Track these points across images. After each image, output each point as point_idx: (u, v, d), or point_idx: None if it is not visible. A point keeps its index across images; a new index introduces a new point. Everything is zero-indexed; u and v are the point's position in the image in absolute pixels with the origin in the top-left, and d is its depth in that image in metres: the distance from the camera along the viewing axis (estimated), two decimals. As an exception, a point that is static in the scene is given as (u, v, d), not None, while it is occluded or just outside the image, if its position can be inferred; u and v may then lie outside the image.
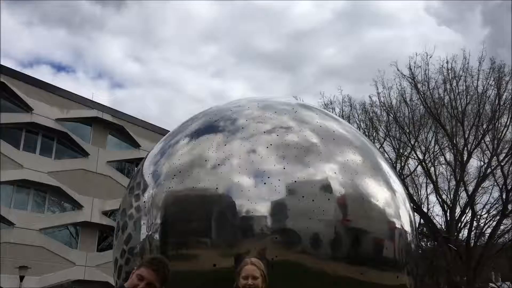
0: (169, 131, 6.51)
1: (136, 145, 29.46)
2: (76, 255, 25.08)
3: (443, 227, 28.12)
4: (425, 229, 28.36)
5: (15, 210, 23.17)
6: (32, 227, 23.26)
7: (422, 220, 25.74)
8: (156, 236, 5.02)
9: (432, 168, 27.36)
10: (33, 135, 24.94)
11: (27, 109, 24.27)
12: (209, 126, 5.60)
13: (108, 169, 27.82)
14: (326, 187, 4.85)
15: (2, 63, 23.79)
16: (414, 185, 30.36)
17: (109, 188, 27.06)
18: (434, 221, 27.34)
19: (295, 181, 4.80)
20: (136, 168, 6.28)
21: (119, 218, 5.96)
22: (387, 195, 5.30)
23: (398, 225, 5.23)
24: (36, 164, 23.94)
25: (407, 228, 5.44)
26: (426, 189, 28.47)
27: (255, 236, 4.62)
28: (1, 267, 21.32)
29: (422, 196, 29.86)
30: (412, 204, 6.11)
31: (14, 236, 22.47)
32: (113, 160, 28.46)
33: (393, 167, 6.67)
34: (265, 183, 4.76)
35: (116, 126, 28.43)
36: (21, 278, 17.19)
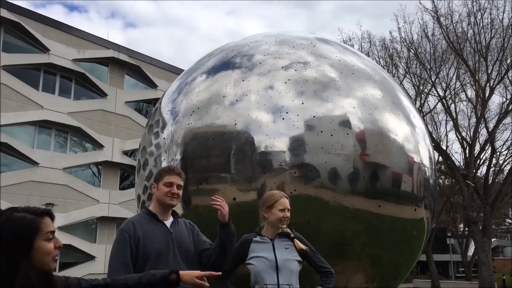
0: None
1: (153, 85, 29.44)
2: (99, 193, 25.83)
3: (462, 164, 28.06)
4: (443, 166, 28.36)
5: (39, 150, 23.72)
6: (56, 166, 23.89)
7: (440, 158, 25.68)
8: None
9: (453, 105, 26.92)
10: (51, 76, 25.04)
11: (44, 49, 24.21)
12: (226, 62, 5.53)
13: (127, 109, 28.01)
14: (345, 122, 4.83)
15: (15, 3, 23.54)
16: (434, 123, 30.09)
17: (128, 128, 27.38)
18: (453, 158, 27.26)
19: (314, 116, 4.78)
20: (154, 107, 6.30)
21: (140, 156, 6.06)
22: (406, 130, 5.26)
23: (417, 160, 5.22)
24: (56, 105, 24.19)
25: (426, 163, 5.44)
26: (446, 127, 28.23)
27: (273, 171, 4.67)
28: (29, 205, 22.12)
29: (441, 134, 29.66)
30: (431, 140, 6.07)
31: (39, 175, 23.15)
32: (131, 101, 28.58)
33: (413, 102, 6.58)
34: (283, 119, 4.75)
35: (132, 66, 28.31)
36: (48, 214, 17.84)
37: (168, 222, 3.03)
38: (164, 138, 5.39)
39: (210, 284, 2.76)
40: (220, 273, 2.58)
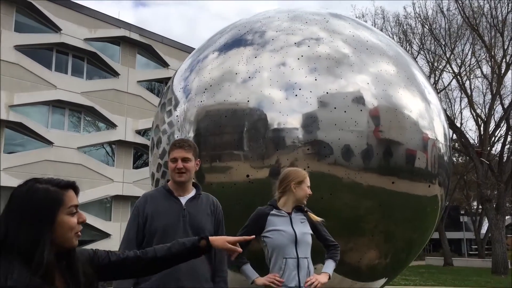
0: (197, 49, 6.43)
1: (164, 64, 29.39)
2: (113, 172, 26.09)
3: (476, 142, 27.81)
4: (457, 144, 28.12)
5: (53, 130, 23.95)
6: (70, 146, 24.13)
7: (454, 136, 25.45)
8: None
9: (467, 82, 26.57)
10: (63, 55, 25.10)
11: (56, 29, 24.22)
12: (238, 39, 5.49)
13: (139, 88, 28.05)
14: (359, 99, 4.78)
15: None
16: (448, 100, 29.77)
17: (140, 108, 27.46)
18: (467, 136, 27.01)
19: (327, 93, 4.74)
20: (166, 86, 6.30)
21: (153, 135, 6.08)
22: (421, 106, 5.20)
23: (431, 136, 5.17)
24: (69, 84, 24.29)
25: (441, 139, 5.38)
26: (460, 104, 27.93)
27: (286, 148, 4.66)
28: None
29: (455, 111, 29.35)
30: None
31: (54, 154, 23.42)
32: (143, 80, 28.61)
33: (428, 78, 6.48)
34: (296, 95, 4.72)
35: (144, 45, 28.24)
36: (64, 193, 18.10)
37: (186, 197, 2.97)
38: (177, 116, 5.39)
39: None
40: (254, 236, 2.52)
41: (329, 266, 3.30)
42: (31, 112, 23.48)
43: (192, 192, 3.02)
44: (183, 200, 2.95)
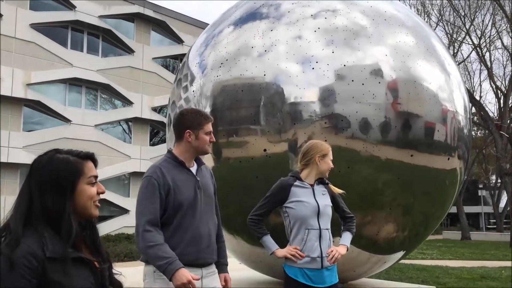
0: (212, 25, 6.37)
1: (179, 40, 29.24)
2: (130, 149, 26.30)
3: (496, 115, 27.37)
4: (476, 117, 27.71)
5: (70, 108, 24.15)
6: (87, 123, 24.35)
7: (474, 109, 25.07)
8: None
9: (487, 54, 26.01)
10: (78, 33, 25.12)
11: (70, 7, 24.20)
12: (253, 12, 5.41)
13: (154, 65, 28.00)
14: (377, 71, 4.71)
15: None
16: (467, 73, 29.22)
17: (156, 85, 27.47)
18: (486, 109, 26.58)
19: (344, 65, 4.67)
20: (181, 62, 6.27)
21: (170, 111, 6.10)
22: (440, 78, 5.10)
23: (451, 109, 5.09)
24: (85, 62, 24.35)
25: (461, 112, 5.30)
26: (480, 76, 27.43)
27: (304, 122, 4.63)
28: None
29: (474, 84, 28.83)
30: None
31: (72, 132, 23.66)
32: (158, 57, 28.54)
33: (448, 49, 6.33)
34: (313, 68, 4.67)
35: (158, 21, 28.08)
36: (83, 170, 18.38)
37: (193, 168, 2.96)
38: (193, 91, 5.39)
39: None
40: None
41: (347, 238, 3.34)
42: (48, 90, 23.67)
43: (195, 164, 3.01)
44: (193, 171, 2.95)
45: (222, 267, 3.02)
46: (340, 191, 3.42)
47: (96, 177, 1.69)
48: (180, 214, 2.78)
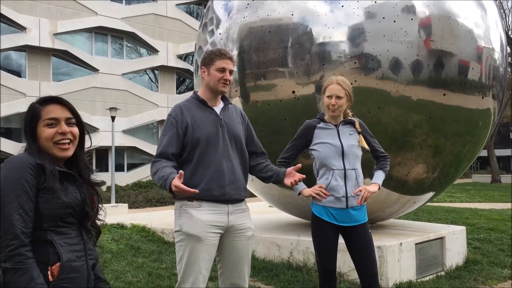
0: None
1: (202, -15, 28.71)
2: (157, 98, 26.49)
3: (532, 54, 26.24)
4: (511, 58, 26.68)
5: (97, 57, 24.28)
6: (115, 72, 24.51)
7: (509, 49, 24.09)
8: (234, 68, 5.08)
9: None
10: (101, -19, 24.87)
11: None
12: (280, -50, 5.21)
13: (178, 12, 27.64)
14: (409, 7, 4.53)
15: None
16: (502, 11, 27.86)
17: (181, 32, 27.22)
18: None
19: (375, 2, 4.50)
20: (206, 6, 6.15)
21: (197, 56, 6.05)
22: (476, 14, 4.89)
23: (486, 46, 4.90)
24: (109, 10, 24.23)
25: (497, 49, 5.10)
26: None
27: (333, 63, 4.55)
28: (94, 110, 23.23)
29: (510, 23, 27.54)
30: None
31: (100, 81, 23.92)
32: (182, 3, 28.13)
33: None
34: (342, 6, 4.52)
35: (181, -34, 27.53)
36: (113, 118, 18.61)
37: (218, 108, 2.96)
38: (219, 35, 5.32)
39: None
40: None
41: (379, 176, 3.31)
42: (74, 40, 23.77)
43: (221, 103, 3.01)
44: (217, 110, 2.95)
45: (280, 172, 3.03)
46: (363, 140, 3.22)
47: (55, 119, 1.82)
48: (200, 150, 2.82)
